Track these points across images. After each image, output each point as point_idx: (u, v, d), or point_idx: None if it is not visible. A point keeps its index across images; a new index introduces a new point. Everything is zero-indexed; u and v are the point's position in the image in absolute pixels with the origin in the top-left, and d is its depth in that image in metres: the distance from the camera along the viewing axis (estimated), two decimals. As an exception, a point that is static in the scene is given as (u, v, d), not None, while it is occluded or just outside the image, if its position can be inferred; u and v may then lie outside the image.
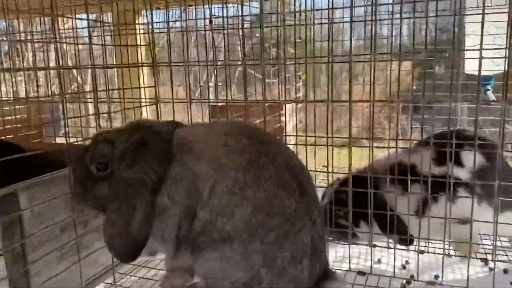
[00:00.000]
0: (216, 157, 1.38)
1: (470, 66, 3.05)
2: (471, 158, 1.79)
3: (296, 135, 2.23)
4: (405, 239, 1.85)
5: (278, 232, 1.33)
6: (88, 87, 4.68)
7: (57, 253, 1.51)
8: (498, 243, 2.09)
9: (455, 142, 1.63)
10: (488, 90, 2.80)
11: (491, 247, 1.86)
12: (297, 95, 3.09)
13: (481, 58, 1.45)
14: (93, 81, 1.69)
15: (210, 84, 2.23)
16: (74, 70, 4.67)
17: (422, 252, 1.91)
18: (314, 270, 1.44)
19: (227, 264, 1.33)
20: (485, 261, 2.08)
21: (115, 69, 2.41)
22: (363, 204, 1.79)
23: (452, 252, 2.02)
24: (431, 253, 1.97)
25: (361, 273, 1.81)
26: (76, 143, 2.08)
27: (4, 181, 1.40)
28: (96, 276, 1.70)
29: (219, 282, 1.38)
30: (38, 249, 1.44)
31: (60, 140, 2.91)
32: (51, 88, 2.49)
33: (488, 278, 1.89)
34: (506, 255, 2.01)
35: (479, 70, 1.46)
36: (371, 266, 1.83)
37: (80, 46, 2.09)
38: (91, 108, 3.22)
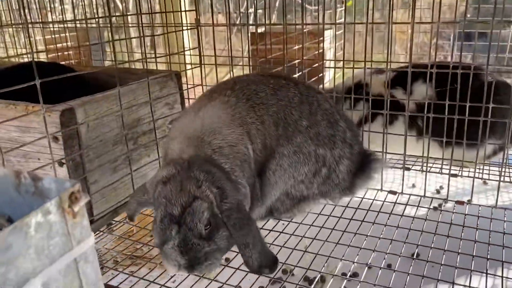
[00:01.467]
0: (227, 122, 1.45)
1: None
2: (420, 89, 2.01)
3: (335, 60, 2.24)
4: None
5: (303, 116, 1.53)
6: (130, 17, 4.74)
7: (111, 165, 1.67)
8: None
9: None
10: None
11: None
12: (337, 21, 3.03)
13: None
14: (137, 4, 1.75)
15: (250, 10, 2.22)
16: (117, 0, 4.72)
17: (455, 175, 1.95)
18: (355, 137, 1.68)
19: (290, 170, 1.52)
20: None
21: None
22: None
23: (485, 177, 2.05)
24: (464, 176, 2.01)
25: (392, 192, 1.89)
26: (121, 66, 2.20)
27: (62, 98, 1.54)
28: (145, 188, 1.87)
29: (295, 190, 1.57)
30: (94, 160, 1.60)
31: (107, 64, 3.05)
32: (97, 13, 2.58)
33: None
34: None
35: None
36: (402, 186, 1.90)
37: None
38: (133, 35, 3.30)
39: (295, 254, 1.51)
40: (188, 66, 2.31)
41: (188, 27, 2.21)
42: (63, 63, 2.92)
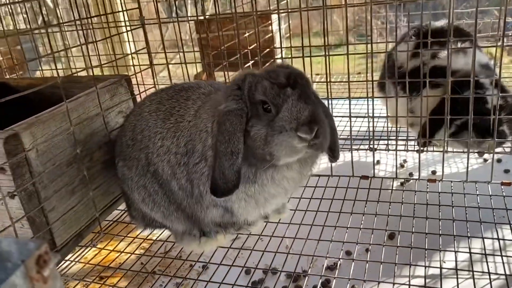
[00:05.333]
0: None
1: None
2: None
3: (281, 47, 2.17)
4: None
5: None
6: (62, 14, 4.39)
7: (68, 188, 1.53)
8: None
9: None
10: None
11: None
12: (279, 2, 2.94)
13: None
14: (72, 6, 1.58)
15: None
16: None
17: (422, 151, 1.96)
18: None
19: None
20: (481, 153, 2.14)
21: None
22: None
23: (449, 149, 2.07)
24: (429, 151, 2.02)
25: (364, 177, 1.87)
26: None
27: (2, 123, 1.38)
28: (109, 205, 1.74)
29: None
30: (49, 186, 1.45)
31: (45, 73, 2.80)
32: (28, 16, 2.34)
33: (483, 169, 1.97)
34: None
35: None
36: (373, 170, 1.88)
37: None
38: (69, 35, 3.05)
39: (278, 256, 1.46)
40: (137, 68, 2.15)
41: (132, 27, 2.05)
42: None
